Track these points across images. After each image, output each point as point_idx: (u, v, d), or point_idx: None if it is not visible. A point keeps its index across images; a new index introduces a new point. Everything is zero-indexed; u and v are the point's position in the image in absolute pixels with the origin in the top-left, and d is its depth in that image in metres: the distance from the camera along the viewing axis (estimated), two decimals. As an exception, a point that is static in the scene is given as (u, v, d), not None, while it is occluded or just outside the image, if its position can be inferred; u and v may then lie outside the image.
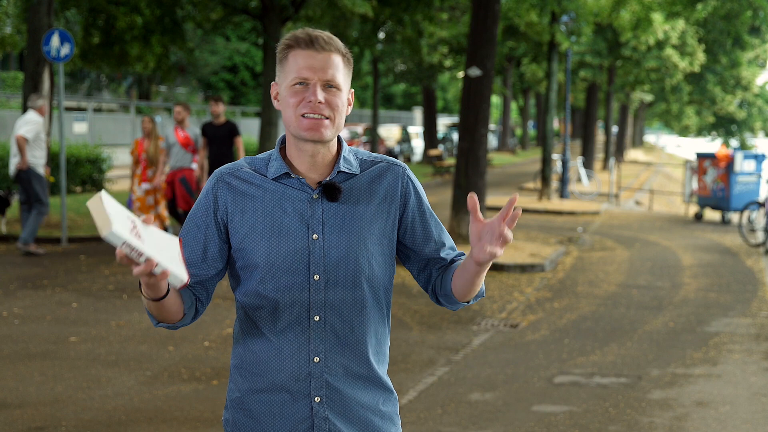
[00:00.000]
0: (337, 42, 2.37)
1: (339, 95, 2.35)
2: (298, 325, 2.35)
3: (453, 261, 2.51)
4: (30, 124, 11.96)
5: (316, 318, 2.34)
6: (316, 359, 2.35)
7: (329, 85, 2.33)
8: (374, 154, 2.48)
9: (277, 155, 2.41)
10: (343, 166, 2.39)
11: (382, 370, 2.46)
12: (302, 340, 2.35)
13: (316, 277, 2.34)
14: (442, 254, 2.49)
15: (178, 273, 2.16)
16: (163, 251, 2.17)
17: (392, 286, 2.49)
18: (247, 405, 2.41)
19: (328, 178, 2.38)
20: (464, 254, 2.50)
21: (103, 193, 2.12)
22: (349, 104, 2.44)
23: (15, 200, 13.97)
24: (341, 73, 2.36)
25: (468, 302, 2.47)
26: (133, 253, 2.09)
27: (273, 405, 2.38)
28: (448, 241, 2.53)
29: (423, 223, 2.47)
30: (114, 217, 2.08)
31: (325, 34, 2.35)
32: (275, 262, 2.34)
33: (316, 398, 2.36)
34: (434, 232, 2.49)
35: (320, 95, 2.31)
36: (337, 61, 2.35)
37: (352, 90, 2.46)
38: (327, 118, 2.33)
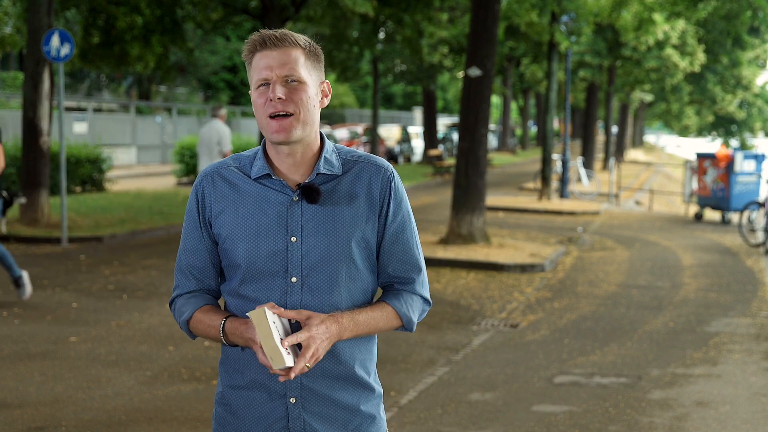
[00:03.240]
0: (294, 37, 2.34)
1: (303, 89, 2.32)
2: None
3: (392, 286, 2.47)
4: (226, 136, 13.66)
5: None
6: None
7: (290, 80, 2.31)
8: (358, 153, 2.45)
9: (260, 154, 2.41)
10: (323, 168, 2.37)
11: (363, 369, 2.44)
12: None
13: (294, 279, 2.34)
14: (389, 270, 2.45)
15: (291, 363, 2.23)
16: (281, 338, 2.23)
17: (377, 288, 2.48)
18: (227, 400, 2.44)
19: (307, 180, 2.36)
20: (413, 281, 2.46)
21: (267, 312, 2.19)
22: (325, 96, 2.42)
23: (20, 201, 13.95)
24: (302, 66, 2.33)
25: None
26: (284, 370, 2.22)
27: (251, 402, 2.39)
28: (410, 258, 2.46)
29: (393, 231, 2.43)
30: (279, 341, 2.18)
31: (279, 32, 2.33)
32: (255, 263, 2.35)
33: (291, 399, 2.36)
34: (396, 247, 2.43)
35: (279, 91, 2.29)
36: (296, 54, 2.32)
37: (327, 81, 2.42)
38: (291, 115, 2.31)
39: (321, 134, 2.43)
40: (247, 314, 2.24)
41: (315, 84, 2.37)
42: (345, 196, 2.37)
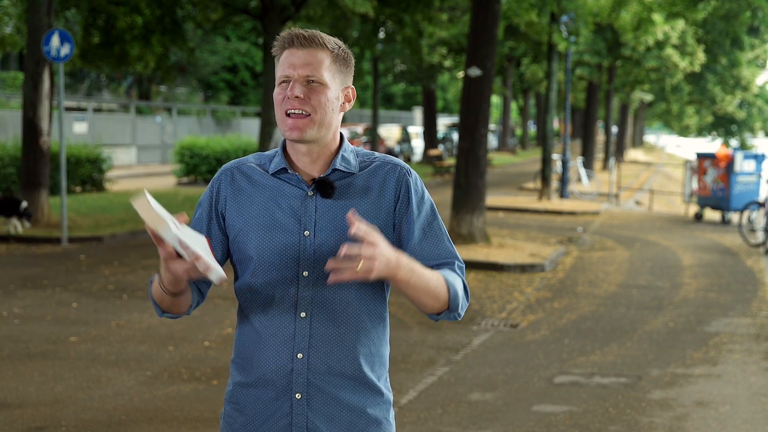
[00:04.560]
0: (322, 38, 2.34)
1: (322, 91, 2.33)
2: (284, 321, 2.35)
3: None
4: None
5: (302, 315, 2.33)
6: (300, 356, 2.34)
7: (311, 81, 2.32)
8: (376, 154, 2.45)
9: (280, 152, 2.44)
10: (339, 164, 2.38)
11: (374, 372, 2.42)
12: (287, 336, 2.35)
13: (305, 273, 2.34)
14: (424, 264, 2.38)
15: (218, 268, 2.19)
16: (200, 248, 2.20)
17: (389, 286, 2.46)
18: (236, 398, 2.44)
19: (322, 175, 2.38)
20: (452, 265, 2.42)
21: (147, 193, 2.17)
22: (348, 101, 2.42)
23: (20, 225, 13.94)
24: (326, 68, 2.33)
25: (435, 316, 2.41)
26: (181, 249, 2.14)
27: (258, 399, 2.39)
28: (443, 250, 2.43)
29: (420, 227, 2.41)
30: (164, 215, 2.14)
31: (308, 32, 2.34)
32: (266, 256, 2.35)
33: (296, 395, 2.36)
34: (427, 241, 2.41)
35: (297, 90, 2.30)
36: (321, 56, 2.33)
37: (351, 87, 2.43)
38: (308, 115, 2.31)
39: (341, 135, 2.44)
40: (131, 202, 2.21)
41: (337, 88, 2.37)
42: (359, 192, 2.38)
